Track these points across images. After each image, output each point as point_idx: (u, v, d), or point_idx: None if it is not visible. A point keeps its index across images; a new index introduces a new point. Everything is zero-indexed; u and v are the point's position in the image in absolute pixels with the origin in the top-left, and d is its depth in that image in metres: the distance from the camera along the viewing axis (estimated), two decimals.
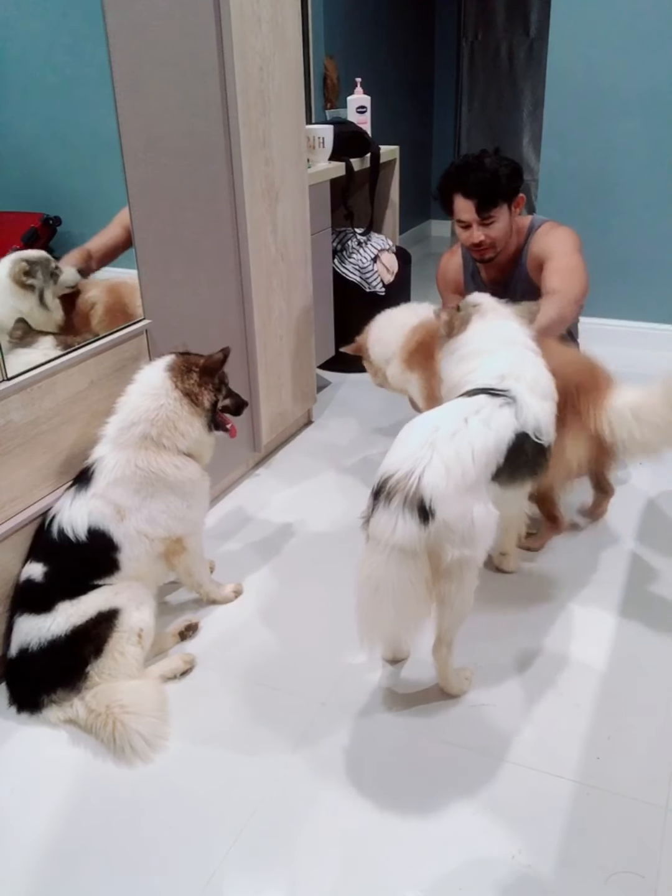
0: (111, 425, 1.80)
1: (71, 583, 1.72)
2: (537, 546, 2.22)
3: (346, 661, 1.85)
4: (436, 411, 1.66)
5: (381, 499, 1.50)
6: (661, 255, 3.53)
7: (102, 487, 1.73)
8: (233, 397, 1.93)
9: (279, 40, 2.41)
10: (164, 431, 1.76)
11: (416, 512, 1.46)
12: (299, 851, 1.41)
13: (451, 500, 1.48)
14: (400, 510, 1.47)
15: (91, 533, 1.71)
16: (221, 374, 1.87)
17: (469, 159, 2.44)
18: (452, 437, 1.54)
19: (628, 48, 3.27)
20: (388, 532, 1.47)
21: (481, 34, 5.54)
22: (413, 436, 1.57)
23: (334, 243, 3.39)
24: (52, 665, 1.66)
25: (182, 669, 1.82)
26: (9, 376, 1.73)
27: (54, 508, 1.78)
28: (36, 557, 1.75)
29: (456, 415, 1.60)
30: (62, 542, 1.72)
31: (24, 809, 1.52)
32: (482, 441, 1.56)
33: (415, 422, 1.63)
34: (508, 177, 2.41)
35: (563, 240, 2.47)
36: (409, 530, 1.46)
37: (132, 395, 1.80)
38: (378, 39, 4.76)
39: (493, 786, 1.52)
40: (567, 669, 1.80)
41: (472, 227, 2.45)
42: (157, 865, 1.40)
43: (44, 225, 2.07)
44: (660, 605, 2.01)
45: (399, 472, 1.49)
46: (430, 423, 1.59)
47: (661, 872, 1.35)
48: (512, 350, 1.84)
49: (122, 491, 1.74)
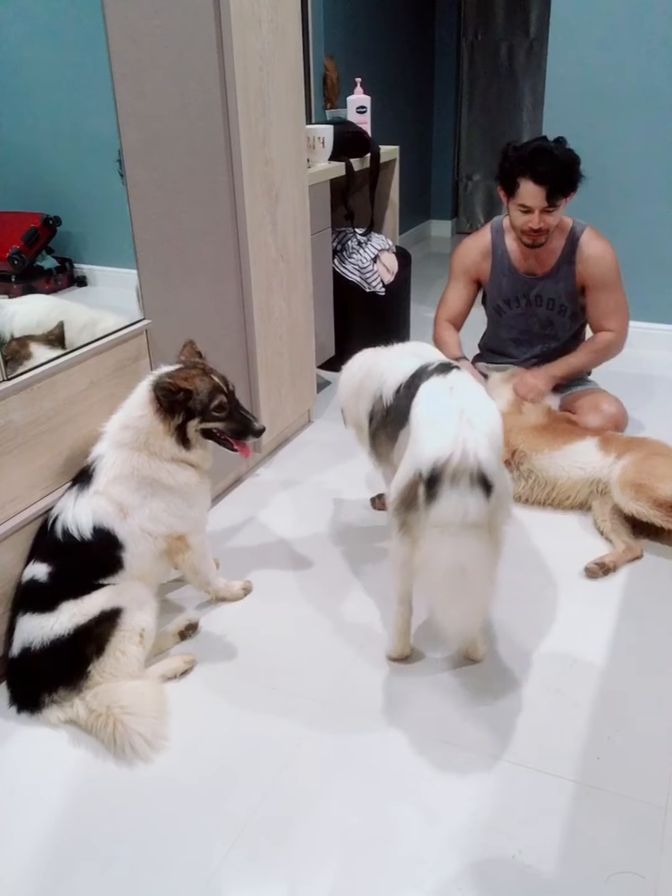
0: (112, 422, 1.80)
1: (75, 582, 1.72)
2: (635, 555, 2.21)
3: (347, 661, 1.85)
4: (434, 396, 1.68)
5: (443, 483, 1.50)
6: (662, 255, 3.53)
7: (103, 485, 1.74)
8: (231, 421, 1.81)
9: (279, 40, 2.41)
10: (149, 440, 1.75)
11: (482, 488, 1.50)
12: (299, 851, 1.41)
13: (498, 472, 1.56)
14: (468, 489, 1.49)
15: (96, 531, 1.72)
16: (205, 398, 1.75)
17: (544, 144, 2.45)
18: (481, 413, 1.60)
19: (628, 48, 3.27)
20: (462, 513, 1.50)
21: (481, 34, 5.55)
22: (443, 418, 1.58)
23: (334, 243, 3.38)
24: (54, 664, 1.66)
25: (182, 669, 1.82)
26: (8, 376, 1.73)
27: (57, 508, 1.78)
28: (39, 558, 1.75)
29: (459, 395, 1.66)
30: (67, 541, 1.72)
31: (24, 809, 1.52)
32: (495, 413, 1.66)
33: (429, 407, 1.65)
34: (577, 170, 2.46)
35: (614, 266, 2.63)
36: (481, 506, 1.51)
37: (132, 397, 1.79)
38: (378, 39, 4.76)
39: (493, 786, 1.52)
40: (567, 669, 1.80)
41: (535, 212, 2.48)
42: (157, 865, 1.40)
43: (44, 225, 2.07)
44: (660, 605, 2.01)
45: (455, 454, 1.50)
46: (452, 404, 1.61)
47: (661, 872, 1.35)
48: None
49: (123, 489, 1.74)
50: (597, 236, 2.64)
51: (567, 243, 2.62)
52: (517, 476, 2.44)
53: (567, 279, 2.65)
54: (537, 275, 2.69)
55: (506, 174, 2.51)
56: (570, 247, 2.62)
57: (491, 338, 2.95)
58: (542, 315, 2.75)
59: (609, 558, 2.13)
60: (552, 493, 2.40)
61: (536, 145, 2.45)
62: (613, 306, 2.65)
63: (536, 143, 2.47)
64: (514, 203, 2.53)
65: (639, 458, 2.26)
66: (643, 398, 3.15)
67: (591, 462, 2.35)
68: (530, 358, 2.79)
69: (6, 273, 2.07)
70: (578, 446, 2.38)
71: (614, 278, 2.63)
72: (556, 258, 2.64)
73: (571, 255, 2.63)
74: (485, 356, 2.99)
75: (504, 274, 2.74)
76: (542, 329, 2.79)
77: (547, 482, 2.39)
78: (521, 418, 2.48)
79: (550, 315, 2.74)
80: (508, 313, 2.81)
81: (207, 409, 1.76)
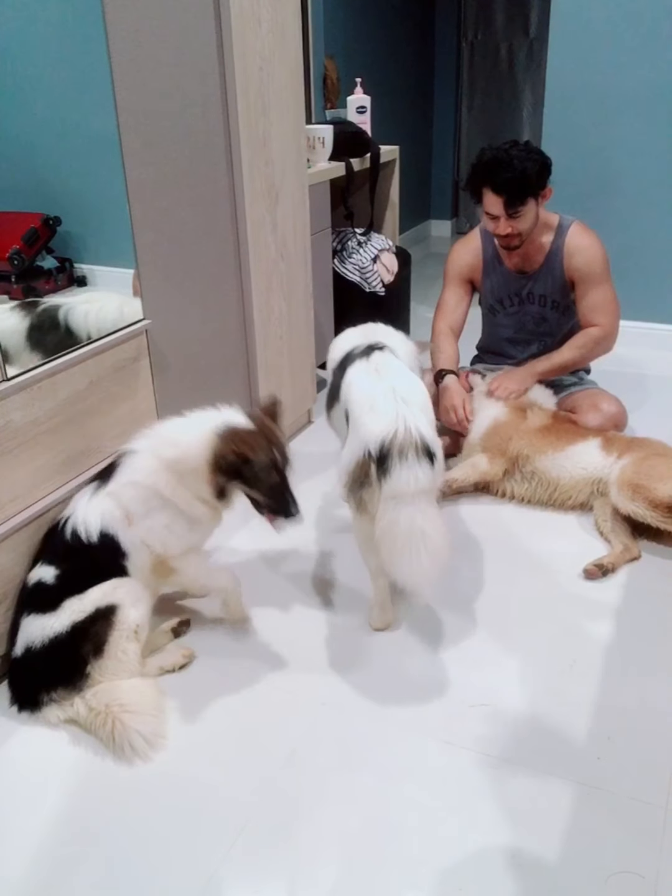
0: (163, 429, 1.76)
1: (80, 587, 1.71)
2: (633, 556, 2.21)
3: (346, 661, 1.85)
4: (363, 378, 1.84)
5: (393, 459, 1.64)
6: (662, 255, 3.53)
7: (119, 486, 1.72)
8: (273, 499, 1.73)
9: (279, 40, 2.41)
10: (189, 474, 1.70)
11: (427, 457, 1.66)
12: (299, 851, 1.41)
13: (435, 441, 1.72)
14: (416, 461, 1.65)
15: (102, 536, 1.71)
16: (260, 473, 1.69)
17: (499, 154, 2.43)
18: (410, 390, 1.78)
19: (628, 48, 3.27)
20: (413, 482, 1.64)
21: (481, 34, 5.54)
22: (380, 400, 1.74)
23: (334, 243, 3.39)
24: (54, 663, 1.66)
25: (181, 663, 1.82)
26: (9, 376, 1.73)
27: (70, 506, 1.77)
28: (47, 559, 1.74)
29: (385, 374, 1.82)
30: (74, 542, 1.71)
31: (24, 809, 1.52)
32: (422, 387, 1.84)
33: (366, 392, 1.79)
34: (538, 174, 2.44)
35: (600, 259, 2.60)
36: (427, 474, 1.66)
37: (195, 423, 1.74)
38: (378, 39, 4.76)
39: (493, 786, 1.52)
40: (567, 669, 1.80)
41: (500, 219, 2.49)
42: (157, 865, 1.40)
43: (44, 225, 2.07)
44: (659, 605, 2.01)
45: (399, 431, 1.66)
46: (383, 385, 1.77)
47: (661, 872, 1.35)
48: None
49: (135, 494, 1.71)
50: (584, 230, 2.63)
51: (554, 239, 2.63)
52: (520, 478, 2.44)
53: (556, 274, 2.66)
54: (527, 272, 2.69)
55: (470, 184, 2.53)
56: (557, 242, 2.63)
57: (487, 338, 2.95)
58: (535, 312, 2.76)
59: (608, 559, 2.13)
60: (554, 493, 2.40)
61: (492, 155, 2.44)
62: (601, 301, 2.63)
63: (495, 151, 2.45)
64: (482, 210, 2.55)
65: (638, 458, 2.26)
66: (643, 398, 3.16)
67: (593, 462, 2.35)
68: (528, 357, 2.79)
69: (6, 273, 2.07)
70: (581, 447, 2.38)
71: (601, 272, 2.61)
72: (545, 254, 2.65)
73: (559, 250, 2.63)
74: (483, 357, 2.99)
75: (495, 274, 2.74)
76: (536, 327, 2.79)
77: (549, 483, 2.40)
78: (523, 422, 2.48)
79: (543, 312, 2.75)
80: (502, 313, 2.81)
81: (257, 482, 1.70)
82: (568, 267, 2.63)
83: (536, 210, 2.52)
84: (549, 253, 2.64)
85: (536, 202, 2.51)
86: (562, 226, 2.63)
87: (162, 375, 2.19)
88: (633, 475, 2.20)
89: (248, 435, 1.69)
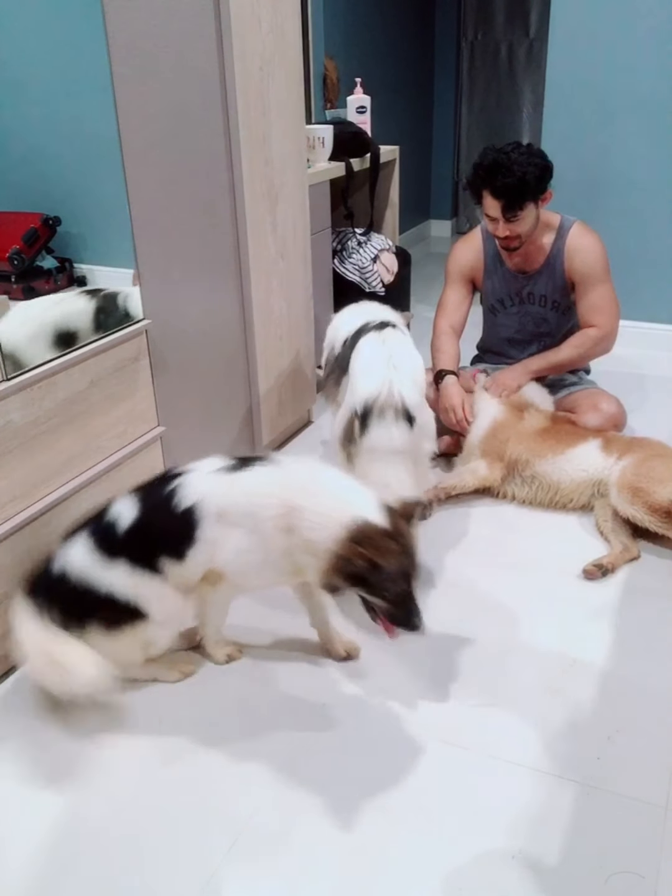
0: (312, 472, 1.60)
1: (142, 548, 1.63)
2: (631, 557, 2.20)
3: (347, 662, 1.85)
4: (370, 348, 2.06)
5: (373, 417, 1.87)
6: (661, 255, 3.53)
7: (237, 485, 1.60)
8: (395, 607, 1.53)
9: (279, 40, 2.41)
10: (300, 551, 1.54)
11: (406, 420, 1.88)
12: (299, 852, 1.41)
13: (420, 407, 1.91)
14: (394, 421, 1.87)
15: (188, 511, 1.59)
16: (387, 583, 1.50)
17: (500, 157, 2.41)
18: (405, 359, 2.00)
19: (628, 48, 3.27)
20: (388, 440, 1.87)
21: (481, 34, 5.54)
22: (374, 366, 1.97)
23: (334, 243, 3.39)
24: (74, 599, 1.63)
25: (174, 679, 1.80)
26: (9, 376, 1.73)
27: (188, 466, 1.66)
28: (140, 499, 1.64)
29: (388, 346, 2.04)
30: (166, 499, 1.61)
31: (24, 809, 1.52)
32: (418, 359, 2.07)
33: (364, 357, 2.04)
34: (537, 179, 2.43)
35: (601, 260, 2.61)
36: (403, 434, 1.88)
37: (336, 493, 1.57)
38: (378, 39, 4.75)
39: (493, 786, 1.52)
40: (567, 669, 1.80)
41: (499, 221, 2.50)
42: (158, 865, 1.40)
43: (44, 225, 2.07)
44: (659, 605, 2.01)
45: (382, 393, 1.88)
46: (380, 355, 2.00)
47: (661, 872, 1.35)
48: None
49: (240, 504, 1.58)
50: (585, 231, 2.63)
51: (556, 239, 2.63)
52: (520, 482, 2.44)
53: (557, 275, 2.66)
54: (528, 272, 2.70)
55: (470, 185, 2.53)
56: (558, 243, 2.63)
57: (488, 338, 2.96)
58: (536, 313, 2.76)
59: (607, 560, 2.13)
60: (555, 496, 2.40)
61: (494, 158, 2.43)
62: (600, 301, 2.63)
63: (496, 154, 2.44)
64: (482, 212, 2.56)
65: (638, 459, 2.26)
66: (642, 398, 3.16)
67: (593, 464, 2.35)
68: (527, 357, 2.79)
69: (6, 273, 2.07)
70: (581, 449, 2.38)
71: (600, 272, 2.61)
72: (546, 255, 2.65)
73: (560, 251, 2.63)
74: (483, 357, 2.99)
75: (496, 274, 2.74)
76: (536, 327, 2.79)
77: (550, 486, 2.39)
78: (522, 425, 2.48)
79: (543, 312, 2.75)
80: (503, 313, 2.81)
81: (382, 591, 1.51)
82: (569, 268, 2.63)
83: (537, 213, 2.52)
84: (550, 254, 2.65)
85: (536, 206, 2.50)
86: (563, 226, 2.63)
87: (162, 375, 2.19)
88: (633, 477, 2.20)
89: (382, 538, 1.49)
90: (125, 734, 1.68)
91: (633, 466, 2.24)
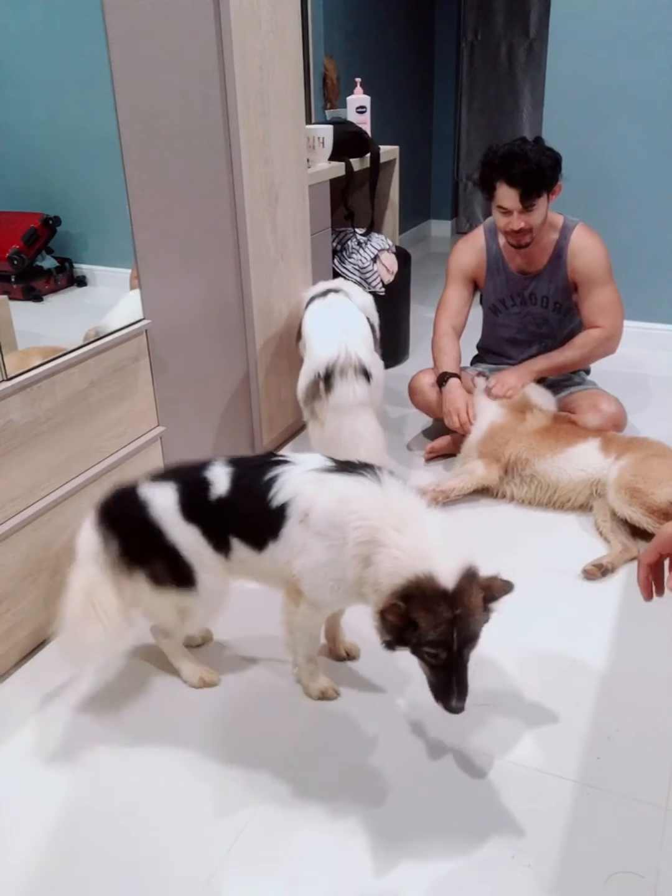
0: (398, 505, 1.49)
1: (218, 524, 1.60)
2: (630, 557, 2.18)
3: (347, 662, 1.85)
4: (318, 314, 2.41)
5: (335, 377, 2.18)
6: (662, 255, 3.53)
7: (333, 496, 1.52)
8: (435, 675, 1.42)
9: (279, 40, 2.41)
10: (369, 579, 1.47)
11: (364, 376, 2.21)
12: (299, 852, 1.41)
13: (373, 364, 2.23)
14: (355, 378, 2.19)
15: (280, 507, 1.54)
16: (425, 643, 1.38)
17: (514, 147, 2.47)
18: (352, 323, 2.33)
19: (628, 48, 3.27)
20: (352, 396, 2.19)
21: (481, 34, 5.54)
22: (328, 331, 2.28)
23: (334, 243, 3.38)
24: (135, 538, 1.62)
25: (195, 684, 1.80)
26: (9, 376, 1.73)
27: (293, 457, 1.62)
28: (234, 472, 1.61)
29: (334, 311, 2.39)
30: (261, 490, 1.56)
31: (24, 809, 1.52)
32: (363, 320, 2.38)
33: (318, 325, 2.36)
34: (551, 168, 2.48)
35: (603, 261, 2.64)
36: (364, 389, 2.21)
37: (429, 535, 1.46)
38: (378, 39, 4.76)
39: (493, 786, 1.52)
40: (567, 669, 1.80)
41: (514, 213, 2.50)
42: (158, 865, 1.40)
43: (44, 225, 2.07)
44: (658, 605, 2.00)
45: (341, 356, 2.19)
46: (331, 320, 2.34)
47: (661, 872, 1.35)
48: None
49: (331, 515, 1.50)
50: (588, 232, 2.64)
51: (558, 240, 2.63)
52: (519, 481, 2.44)
53: (559, 275, 2.66)
54: (530, 273, 2.70)
55: (483, 178, 2.54)
56: (561, 243, 2.63)
57: (488, 338, 2.95)
58: (537, 313, 2.76)
59: (607, 559, 2.13)
60: (554, 495, 2.40)
61: (508, 149, 2.46)
62: (603, 302, 2.64)
63: (509, 146, 2.48)
64: (494, 205, 2.56)
65: (636, 459, 2.26)
66: (643, 398, 3.16)
67: (592, 463, 2.35)
68: (527, 358, 2.79)
69: (6, 273, 2.07)
70: (580, 448, 2.38)
71: (603, 273, 2.62)
72: (548, 255, 2.65)
73: (562, 251, 2.63)
74: (483, 357, 2.99)
75: (498, 274, 2.74)
76: (537, 328, 2.79)
77: (549, 486, 2.39)
78: (522, 425, 2.48)
79: (545, 313, 2.75)
80: (504, 313, 2.81)
81: (420, 654, 1.41)
82: (571, 268, 2.64)
83: (547, 206, 2.54)
84: (553, 254, 2.65)
85: (548, 198, 2.52)
86: (566, 227, 2.64)
87: (162, 375, 2.19)
88: (631, 478, 2.20)
89: (434, 599, 1.36)
90: (126, 733, 1.68)
91: (632, 466, 2.24)
